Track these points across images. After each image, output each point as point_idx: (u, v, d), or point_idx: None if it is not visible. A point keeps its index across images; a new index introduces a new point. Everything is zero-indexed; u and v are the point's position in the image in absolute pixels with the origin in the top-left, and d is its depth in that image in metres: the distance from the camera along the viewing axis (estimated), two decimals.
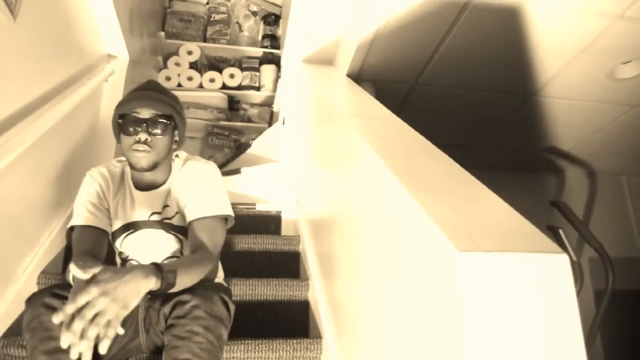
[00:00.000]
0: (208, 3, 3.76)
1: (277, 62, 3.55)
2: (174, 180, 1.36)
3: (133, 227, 1.33)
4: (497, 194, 0.79)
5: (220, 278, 1.43)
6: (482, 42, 2.00)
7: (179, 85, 3.42)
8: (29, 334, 1.08)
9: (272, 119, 3.41)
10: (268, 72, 3.57)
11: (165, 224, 1.33)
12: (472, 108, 2.57)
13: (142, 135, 1.25)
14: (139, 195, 1.35)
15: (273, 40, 3.68)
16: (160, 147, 1.29)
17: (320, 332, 1.46)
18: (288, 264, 1.92)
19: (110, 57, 2.42)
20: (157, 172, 1.33)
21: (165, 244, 1.33)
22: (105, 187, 1.36)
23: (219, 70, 3.53)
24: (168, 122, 1.29)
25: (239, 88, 3.55)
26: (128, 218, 1.34)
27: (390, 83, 2.33)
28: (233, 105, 3.59)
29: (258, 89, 3.57)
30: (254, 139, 2.98)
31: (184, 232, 1.33)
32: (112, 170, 1.39)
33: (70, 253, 1.31)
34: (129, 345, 1.21)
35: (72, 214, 1.33)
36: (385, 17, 1.86)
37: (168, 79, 3.40)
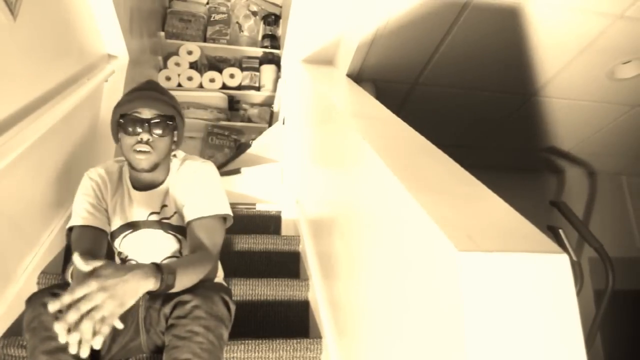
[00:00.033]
0: (208, 3, 3.76)
1: (277, 62, 3.55)
2: (172, 180, 1.36)
3: (132, 227, 1.33)
4: (497, 194, 0.79)
5: (220, 278, 1.43)
6: (482, 42, 2.00)
7: (179, 85, 3.42)
8: (29, 334, 1.08)
9: (272, 119, 3.41)
10: (268, 72, 3.57)
11: (164, 224, 1.33)
12: (472, 108, 2.57)
13: (144, 136, 1.25)
14: (137, 195, 1.35)
15: (273, 40, 3.68)
16: (161, 147, 1.29)
17: (320, 332, 1.46)
18: (288, 264, 1.92)
19: (110, 57, 2.42)
20: (155, 172, 1.33)
21: (165, 244, 1.33)
22: (103, 187, 1.35)
23: (219, 70, 3.53)
24: (170, 122, 1.30)
25: (239, 88, 3.55)
26: (126, 218, 1.33)
27: (390, 83, 2.33)
28: (233, 105, 3.59)
29: (258, 89, 3.57)
30: (254, 139, 2.98)
31: (183, 232, 1.33)
32: (109, 170, 1.39)
33: (70, 253, 1.30)
34: (130, 345, 1.21)
35: (71, 215, 1.33)
36: (385, 17, 1.86)
37: (168, 79, 3.40)
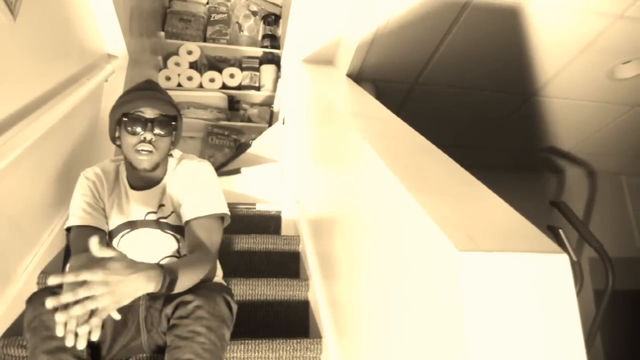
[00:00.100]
0: (208, 3, 3.76)
1: (277, 62, 3.55)
2: (169, 180, 1.36)
3: (129, 226, 1.33)
4: (497, 194, 0.79)
5: (220, 277, 1.43)
6: (482, 41, 2.00)
7: (179, 85, 3.42)
8: (30, 334, 1.08)
9: (272, 119, 3.41)
10: (268, 72, 3.57)
11: (162, 224, 1.33)
12: (472, 108, 2.57)
13: (147, 135, 1.25)
14: (135, 195, 1.35)
15: (273, 40, 3.68)
16: (163, 147, 1.30)
17: (320, 332, 1.46)
18: (288, 264, 1.92)
19: (110, 56, 2.42)
20: (153, 171, 1.33)
21: (163, 244, 1.33)
22: (100, 186, 1.35)
23: (219, 70, 3.53)
24: (173, 122, 1.30)
25: (239, 88, 3.55)
26: (124, 218, 1.33)
27: (390, 83, 2.33)
28: (233, 105, 3.59)
29: (258, 89, 3.57)
30: (254, 139, 2.98)
31: (181, 231, 1.33)
32: (106, 170, 1.39)
33: (70, 253, 1.30)
34: (130, 345, 1.21)
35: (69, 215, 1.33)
36: (385, 17, 1.86)
37: (168, 79, 3.40)
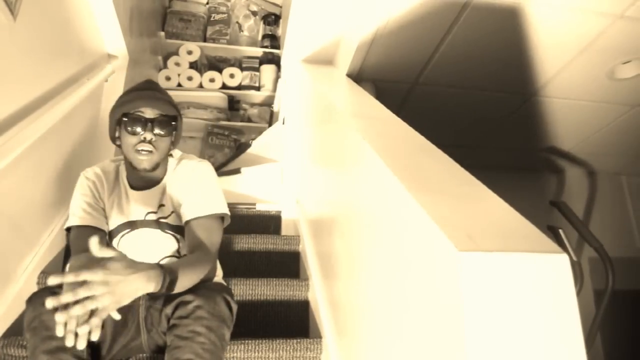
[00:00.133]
0: (208, 3, 3.76)
1: (277, 62, 3.55)
2: (169, 179, 1.36)
3: (129, 226, 1.33)
4: (497, 194, 0.79)
5: (219, 277, 1.43)
6: (482, 41, 2.00)
7: (179, 85, 3.42)
8: (30, 334, 1.08)
9: (272, 119, 3.41)
10: (268, 72, 3.57)
11: (162, 224, 1.33)
12: (472, 108, 2.57)
13: (147, 135, 1.25)
14: (135, 195, 1.35)
15: (273, 40, 3.68)
16: (163, 147, 1.30)
17: (320, 332, 1.46)
18: (288, 264, 1.92)
19: (110, 56, 2.42)
20: (153, 171, 1.33)
21: (163, 244, 1.33)
22: (100, 186, 1.35)
23: (219, 70, 3.53)
24: (173, 122, 1.30)
25: (239, 88, 3.55)
26: (124, 218, 1.33)
27: (390, 83, 2.33)
28: (233, 105, 3.59)
29: (258, 89, 3.57)
30: (254, 139, 2.98)
31: (181, 231, 1.33)
32: (106, 170, 1.39)
33: (70, 253, 1.30)
34: (130, 345, 1.21)
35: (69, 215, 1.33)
36: (385, 17, 1.86)
37: (168, 79, 3.40)
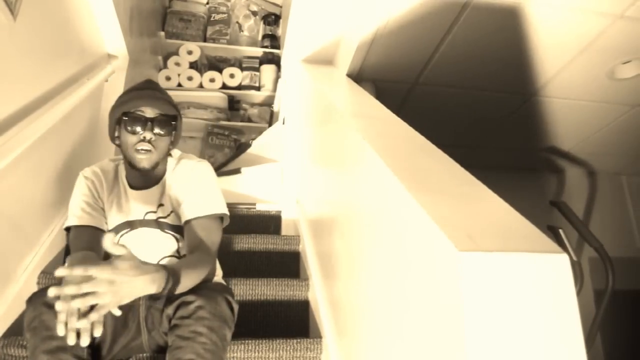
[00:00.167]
0: (208, 3, 3.76)
1: (277, 62, 3.55)
2: (169, 179, 1.36)
3: (129, 226, 1.33)
4: (497, 194, 0.79)
5: (219, 277, 1.43)
6: (482, 41, 2.00)
7: (179, 85, 3.42)
8: (30, 334, 1.08)
9: (272, 119, 3.41)
10: (268, 72, 3.57)
11: (161, 223, 1.33)
12: (472, 107, 2.57)
13: (147, 134, 1.25)
14: (134, 194, 1.35)
15: (273, 40, 3.68)
16: (162, 147, 1.30)
17: (321, 332, 1.46)
18: (288, 264, 1.92)
19: (110, 56, 2.42)
20: (153, 170, 1.33)
21: (162, 243, 1.33)
22: (99, 185, 1.35)
23: (219, 70, 3.53)
24: (173, 122, 1.30)
25: (239, 88, 3.55)
26: (123, 217, 1.33)
27: (390, 83, 2.33)
28: (233, 105, 3.59)
29: (258, 89, 3.57)
30: (254, 139, 2.98)
31: (180, 231, 1.33)
32: (105, 169, 1.39)
33: (70, 253, 1.30)
34: (131, 345, 1.21)
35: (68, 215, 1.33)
36: (385, 17, 1.86)
37: (168, 79, 3.40)
